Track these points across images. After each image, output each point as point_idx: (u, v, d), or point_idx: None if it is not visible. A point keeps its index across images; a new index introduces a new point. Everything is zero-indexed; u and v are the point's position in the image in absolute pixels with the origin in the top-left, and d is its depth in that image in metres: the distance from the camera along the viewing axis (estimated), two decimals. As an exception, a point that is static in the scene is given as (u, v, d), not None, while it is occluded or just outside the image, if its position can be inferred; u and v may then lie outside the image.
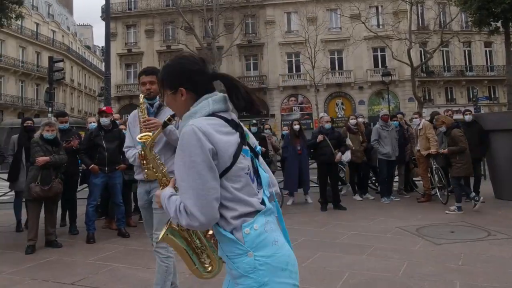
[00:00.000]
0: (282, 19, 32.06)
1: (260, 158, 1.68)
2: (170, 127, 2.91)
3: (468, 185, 7.99)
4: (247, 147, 1.58)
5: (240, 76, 31.45)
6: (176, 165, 1.49)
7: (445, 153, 7.39)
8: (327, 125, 8.03)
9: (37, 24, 39.64)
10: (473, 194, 7.22)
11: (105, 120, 6.06)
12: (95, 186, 5.94)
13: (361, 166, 8.85)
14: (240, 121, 1.63)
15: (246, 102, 1.60)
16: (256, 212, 1.50)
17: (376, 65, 31.50)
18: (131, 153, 3.39)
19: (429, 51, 23.74)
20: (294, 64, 32.19)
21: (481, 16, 12.67)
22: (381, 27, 29.97)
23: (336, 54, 31.88)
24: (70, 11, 52.97)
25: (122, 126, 6.80)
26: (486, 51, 32.19)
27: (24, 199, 6.29)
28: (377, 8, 31.18)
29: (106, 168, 5.93)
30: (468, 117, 8.09)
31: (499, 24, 13.16)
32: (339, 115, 30.52)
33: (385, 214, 7.21)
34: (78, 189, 7.07)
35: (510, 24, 12.92)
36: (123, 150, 3.54)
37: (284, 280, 1.46)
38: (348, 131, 8.86)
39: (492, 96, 31.72)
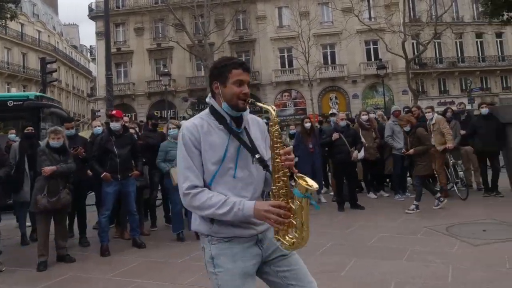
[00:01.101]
0: (274, 14, 31.67)
1: None
2: None
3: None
4: None
5: (233, 73, 31.05)
6: None
7: (411, 154, 7.22)
8: (342, 123, 7.75)
9: (22, 25, 38.58)
10: (438, 194, 7.13)
11: (116, 125, 5.69)
12: (108, 195, 5.57)
13: (375, 163, 8.59)
14: None
15: None
16: None
17: (369, 58, 31.34)
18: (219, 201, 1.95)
19: (422, 43, 23.63)
20: (286, 59, 31.86)
21: (495, 6, 12.47)
22: (373, 20, 29.77)
23: (328, 48, 31.63)
24: (55, 11, 51.76)
25: (131, 130, 6.45)
26: (477, 42, 32.25)
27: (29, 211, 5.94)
28: (368, 1, 30.98)
29: (119, 176, 5.57)
30: (484, 110, 7.89)
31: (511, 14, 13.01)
32: (334, 110, 30.28)
33: (404, 212, 6.97)
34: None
35: None
36: (187, 191, 1.92)
37: None
38: (360, 128, 8.59)
39: (484, 86, 31.84)
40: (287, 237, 1.83)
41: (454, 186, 8.07)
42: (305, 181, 1.78)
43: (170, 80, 24.55)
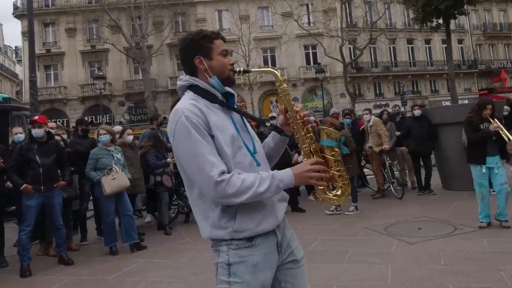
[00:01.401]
0: (214, 17, 31.42)
1: None
2: None
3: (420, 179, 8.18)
4: None
5: (172, 76, 30.32)
6: None
7: None
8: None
9: None
10: (355, 204, 7.19)
11: (38, 132, 5.16)
12: (29, 209, 5.03)
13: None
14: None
15: None
16: None
17: (308, 62, 31.98)
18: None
19: (359, 48, 24.54)
20: (228, 63, 31.73)
21: (425, 13, 13.16)
22: (312, 25, 30.50)
23: (269, 52, 31.87)
24: (-24, 9, 47.74)
25: (57, 137, 5.93)
26: (408, 47, 34.11)
27: None
28: (307, 6, 31.70)
29: (42, 187, 5.07)
30: (417, 112, 8.21)
31: (440, 21, 13.78)
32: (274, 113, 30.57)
33: (346, 214, 7.03)
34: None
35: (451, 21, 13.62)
36: (221, 177, 1.60)
37: None
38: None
39: (415, 90, 33.72)
40: (327, 194, 1.79)
41: (391, 186, 8.31)
42: (329, 129, 1.82)
43: (106, 84, 23.49)
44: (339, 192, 1.78)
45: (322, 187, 1.76)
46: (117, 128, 7.19)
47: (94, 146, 6.12)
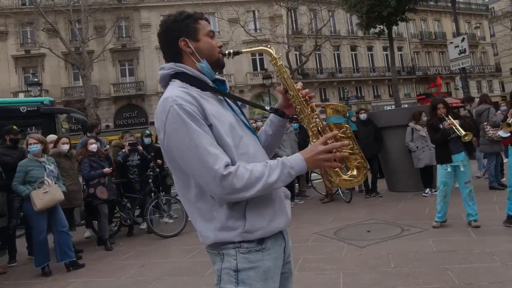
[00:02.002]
0: (159, 22, 30.51)
1: None
2: None
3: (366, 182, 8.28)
4: None
5: (115, 83, 29.26)
6: None
7: None
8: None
9: None
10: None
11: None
12: None
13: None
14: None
15: None
16: None
17: (255, 68, 32.13)
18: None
19: (305, 54, 24.96)
20: (173, 70, 31.05)
21: (369, 19, 13.59)
22: (258, 31, 30.69)
23: (216, 58, 31.71)
24: None
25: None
26: (352, 54, 35.26)
27: None
28: (254, 12, 31.87)
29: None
30: (363, 116, 8.33)
31: (383, 27, 14.30)
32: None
33: (296, 219, 6.92)
34: None
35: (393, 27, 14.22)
36: (227, 171, 1.39)
37: None
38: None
39: (359, 95, 34.89)
40: (343, 175, 1.61)
41: (339, 189, 8.34)
42: (335, 104, 1.67)
43: (42, 91, 22.03)
44: (354, 172, 1.63)
45: (336, 169, 1.58)
46: (51, 137, 6.63)
47: (24, 157, 5.57)
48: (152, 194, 7.22)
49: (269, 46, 1.64)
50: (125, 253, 5.95)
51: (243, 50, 1.66)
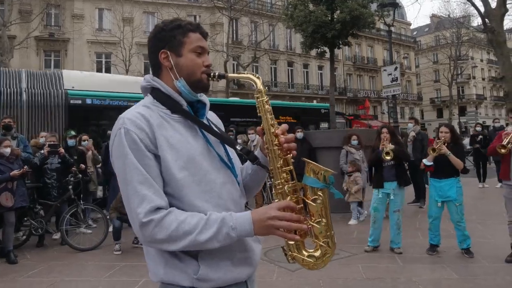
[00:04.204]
0: (93, 15, 29.03)
1: None
2: None
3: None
4: None
5: (39, 74, 27.11)
6: None
7: None
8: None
9: None
10: None
11: None
12: None
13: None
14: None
15: None
16: None
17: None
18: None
19: (242, 65, 25.04)
20: (104, 66, 29.43)
21: (313, 39, 13.87)
22: (199, 36, 30.29)
23: (152, 59, 30.64)
24: None
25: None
26: (288, 69, 36.02)
27: None
28: (195, 17, 31.39)
29: None
30: (299, 135, 8.36)
31: (325, 48, 14.70)
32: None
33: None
34: None
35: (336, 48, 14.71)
36: (147, 218, 1.22)
37: None
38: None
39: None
40: (304, 252, 1.33)
41: (271, 205, 8.26)
42: (316, 165, 1.32)
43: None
44: (317, 253, 1.33)
45: (295, 241, 1.31)
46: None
47: None
48: (70, 202, 6.58)
49: (257, 75, 1.37)
50: (33, 268, 5.29)
51: (229, 75, 1.46)
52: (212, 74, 1.41)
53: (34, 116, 9.10)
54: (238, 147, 1.42)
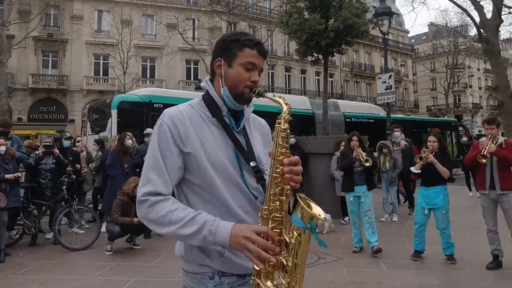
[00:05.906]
0: (92, 16, 29.13)
1: None
2: None
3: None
4: None
5: (35, 74, 27.06)
6: None
7: None
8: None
9: None
10: None
11: None
12: None
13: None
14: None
15: None
16: None
17: (188, 77, 31.60)
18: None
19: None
20: (102, 67, 29.48)
21: (307, 47, 14.02)
22: (196, 40, 30.42)
23: (149, 61, 30.55)
24: None
25: None
26: (286, 75, 36.21)
27: None
28: (194, 21, 31.55)
29: None
30: (292, 140, 8.44)
31: (319, 56, 14.84)
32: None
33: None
34: None
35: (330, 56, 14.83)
36: (144, 197, 1.41)
37: None
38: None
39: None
40: (269, 283, 1.30)
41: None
42: (310, 206, 1.29)
43: None
44: None
45: (259, 268, 1.30)
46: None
47: None
48: (64, 202, 6.67)
49: (286, 101, 1.41)
50: (25, 266, 5.38)
51: (265, 95, 1.49)
52: (253, 90, 1.49)
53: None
54: (252, 164, 1.48)
